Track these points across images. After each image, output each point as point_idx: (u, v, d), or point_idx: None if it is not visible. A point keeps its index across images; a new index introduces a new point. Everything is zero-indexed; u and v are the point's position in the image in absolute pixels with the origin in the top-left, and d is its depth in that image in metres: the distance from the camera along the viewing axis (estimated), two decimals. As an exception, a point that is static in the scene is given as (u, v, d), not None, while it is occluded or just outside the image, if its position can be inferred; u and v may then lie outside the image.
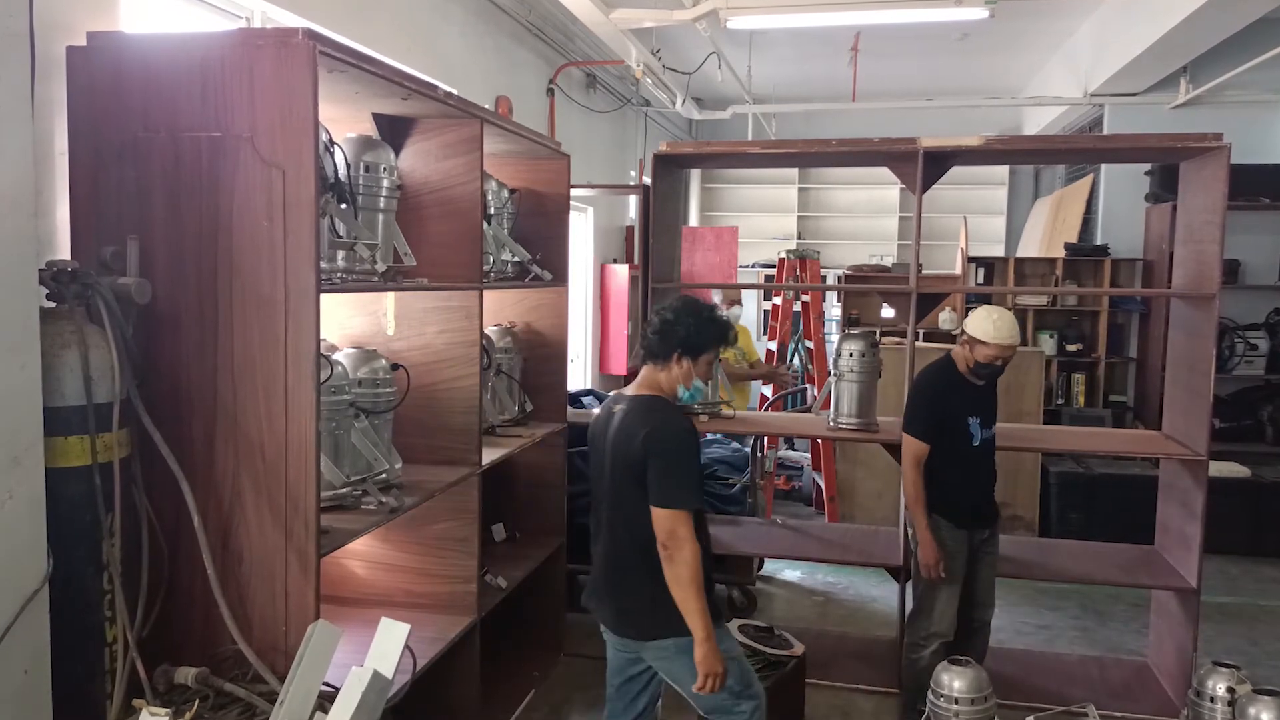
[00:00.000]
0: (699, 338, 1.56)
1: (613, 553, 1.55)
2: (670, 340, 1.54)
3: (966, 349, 2.11)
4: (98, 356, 1.28)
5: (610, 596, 1.57)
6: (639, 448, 1.49)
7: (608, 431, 1.56)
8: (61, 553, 1.25)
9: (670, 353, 1.55)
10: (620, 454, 1.51)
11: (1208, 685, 1.90)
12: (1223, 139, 2.23)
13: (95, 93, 1.41)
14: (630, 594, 1.54)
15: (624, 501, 1.52)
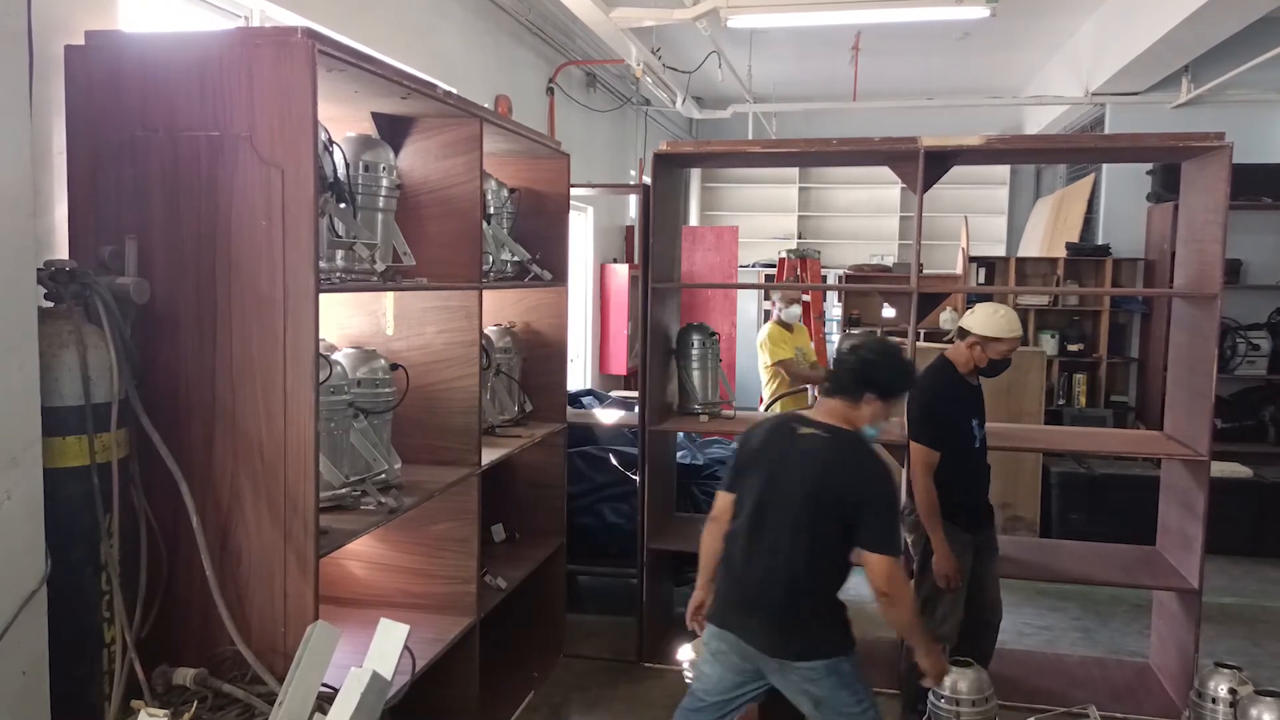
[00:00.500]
0: (894, 383, 1.60)
1: (783, 573, 1.52)
2: (867, 381, 1.57)
3: (974, 349, 2.08)
4: (96, 356, 1.28)
5: (768, 615, 1.53)
6: (853, 489, 1.51)
7: (789, 451, 1.55)
8: (60, 553, 1.25)
9: (862, 393, 1.57)
10: (820, 484, 1.52)
11: (1209, 686, 1.90)
12: (1224, 138, 2.22)
13: (93, 92, 1.40)
14: (796, 616, 1.53)
15: (812, 529, 1.51)
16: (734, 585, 1.57)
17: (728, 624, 1.57)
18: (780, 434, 1.58)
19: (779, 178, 6.74)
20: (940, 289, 4.51)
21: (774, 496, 1.54)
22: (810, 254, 4.22)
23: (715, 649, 1.58)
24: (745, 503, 1.57)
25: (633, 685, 2.44)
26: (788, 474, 1.54)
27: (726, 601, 1.58)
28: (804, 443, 1.55)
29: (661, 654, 2.55)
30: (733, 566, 1.58)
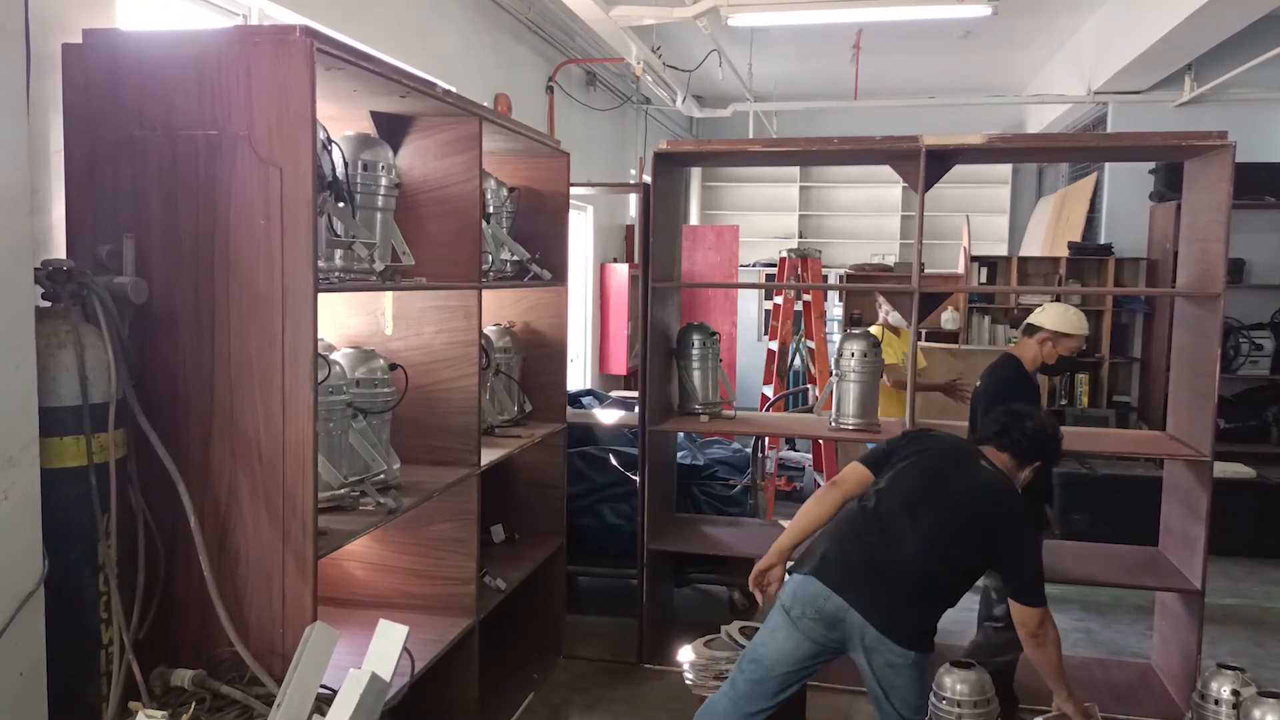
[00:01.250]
0: (1054, 459, 1.78)
1: (924, 563, 1.58)
2: (1042, 452, 1.71)
3: (1044, 345, 2.09)
4: (93, 356, 1.27)
5: (894, 588, 1.57)
6: (1008, 538, 1.60)
7: (969, 472, 1.63)
8: (57, 554, 1.24)
9: (1034, 460, 1.70)
10: (985, 516, 1.61)
11: (1212, 688, 1.89)
12: (1227, 137, 2.21)
13: (91, 90, 1.40)
14: (916, 603, 1.59)
15: (963, 547, 1.60)
16: (860, 548, 1.59)
17: (833, 582, 1.56)
18: (963, 455, 1.66)
19: (780, 177, 6.73)
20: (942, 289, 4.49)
21: (938, 496, 1.60)
22: (811, 253, 4.20)
23: (799, 613, 1.57)
24: (899, 486, 1.61)
25: (633, 687, 2.43)
26: (960, 488, 1.61)
27: (844, 560, 1.58)
28: (984, 474, 1.64)
29: (662, 655, 2.54)
30: (866, 531, 1.60)
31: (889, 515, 1.61)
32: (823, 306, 4.17)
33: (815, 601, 1.56)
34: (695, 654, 1.96)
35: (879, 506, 1.62)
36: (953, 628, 2.90)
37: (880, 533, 1.60)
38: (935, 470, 1.65)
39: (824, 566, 1.59)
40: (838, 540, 1.62)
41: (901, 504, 1.61)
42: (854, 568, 1.59)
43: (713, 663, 1.92)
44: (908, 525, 1.59)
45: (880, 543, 1.59)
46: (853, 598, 1.56)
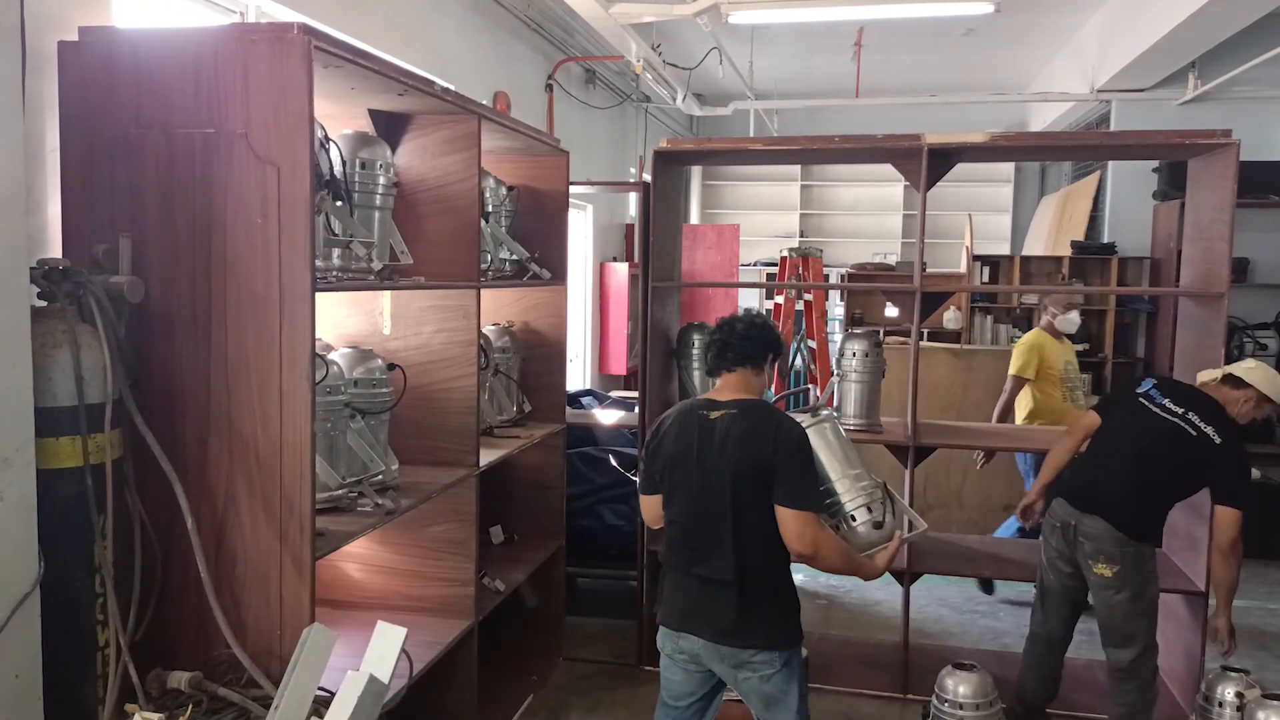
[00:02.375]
0: (780, 346, 1.66)
1: (736, 564, 1.48)
2: (765, 346, 1.60)
3: (1247, 405, 1.96)
4: (90, 356, 1.27)
5: (722, 608, 1.48)
6: (772, 454, 1.47)
7: (708, 438, 1.50)
8: (53, 555, 1.24)
9: (764, 356, 1.60)
10: (746, 461, 1.48)
11: (1217, 691, 1.88)
12: (1231, 135, 2.20)
13: (87, 88, 1.39)
14: (754, 604, 1.49)
15: (752, 510, 1.48)
16: (684, 585, 1.53)
17: (686, 626, 1.52)
18: (691, 423, 1.53)
19: (780, 175, 6.71)
20: (944, 288, 4.50)
21: (709, 485, 1.50)
22: (812, 252, 4.17)
23: (672, 650, 1.56)
24: (677, 501, 1.54)
25: (633, 688, 2.42)
26: (715, 461, 1.49)
27: (680, 603, 1.54)
28: (721, 425, 1.51)
29: (662, 656, 2.53)
30: (680, 567, 1.55)
31: (693, 533, 1.54)
32: (824, 306, 4.15)
33: (678, 642, 1.53)
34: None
35: (676, 533, 1.55)
36: (954, 629, 2.91)
37: (692, 559, 1.54)
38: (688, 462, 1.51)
39: (668, 613, 1.55)
40: (668, 585, 1.58)
41: (691, 518, 1.53)
42: (690, 605, 1.53)
43: (713, 664, 1.90)
44: (708, 532, 1.51)
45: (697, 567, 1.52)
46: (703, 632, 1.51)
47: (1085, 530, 1.92)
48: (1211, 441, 1.90)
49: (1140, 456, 1.93)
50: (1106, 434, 2.02)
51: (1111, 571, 1.90)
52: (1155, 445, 1.93)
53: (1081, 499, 1.96)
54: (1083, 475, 2.01)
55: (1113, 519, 1.91)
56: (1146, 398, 1.98)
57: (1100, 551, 1.91)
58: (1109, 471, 1.95)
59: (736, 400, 1.56)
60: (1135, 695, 1.95)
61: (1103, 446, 2.01)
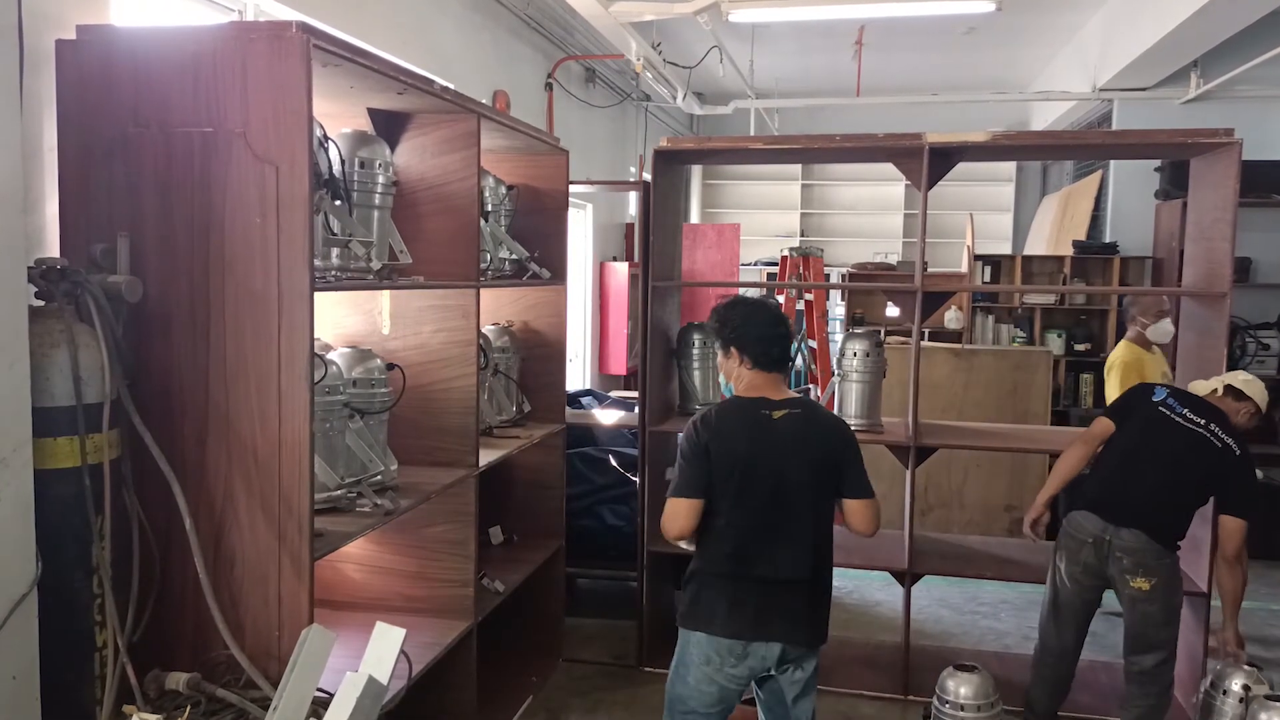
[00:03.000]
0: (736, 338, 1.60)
1: (813, 562, 1.50)
2: (787, 348, 1.58)
3: (1244, 416, 1.98)
4: (87, 356, 1.26)
5: (799, 608, 1.50)
6: (840, 450, 1.52)
7: (776, 437, 1.48)
8: (50, 556, 1.23)
9: (786, 361, 1.59)
10: (824, 459, 1.51)
11: (1225, 680, 1.88)
12: (1234, 134, 2.19)
13: (85, 87, 1.38)
14: (822, 600, 1.54)
15: (820, 506, 1.52)
16: (743, 590, 1.49)
17: (762, 633, 1.47)
18: (756, 423, 1.50)
19: (781, 174, 6.70)
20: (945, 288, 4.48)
21: (784, 486, 1.49)
22: (813, 252, 4.16)
23: (729, 662, 1.48)
24: (743, 504, 1.49)
25: (633, 690, 2.42)
26: (791, 461, 1.49)
27: (744, 611, 1.48)
28: (785, 425, 1.50)
29: (662, 658, 2.48)
30: (737, 573, 1.49)
31: (764, 535, 1.51)
32: (825, 306, 4.14)
33: (731, 653, 1.48)
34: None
35: (745, 534, 1.49)
36: (955, 630, 2.90)
37: (766, 561, 1.51)
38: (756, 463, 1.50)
39: (723, 622, 1.48)
40: (726, 589, 1.50)
41: (763, 518, 1.50)
42: (759, 611, 1.51)
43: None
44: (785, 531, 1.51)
45: (772, 569, 1.50)
46: (773, 636, 1.50)
47: (1123, 544, 1.86)
48: (1234, 453, 1.90)
49: (1173, 467, 1.89)
50: (1129, 443, 1.94)
51: (1150, 584, 1.86)
52: (1186, 456, 1.89)
53: (1115, 512, 1.88)
54: (1112, 487, 1.92)
55: (1151, 531, 1.86)
56: (1166, 407, 1.93)
57: (1140, 565, 1.86)
58: (1142, 483, 1.89)
59: (791, 399, 1.53)
60: (1154, 700, 1.93)
61: (1129, 457, 1.93)
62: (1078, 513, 1.94)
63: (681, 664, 1.53)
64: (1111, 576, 1.90)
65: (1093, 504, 1.93)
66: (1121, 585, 1.89)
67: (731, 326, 1.54)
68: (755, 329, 1.53)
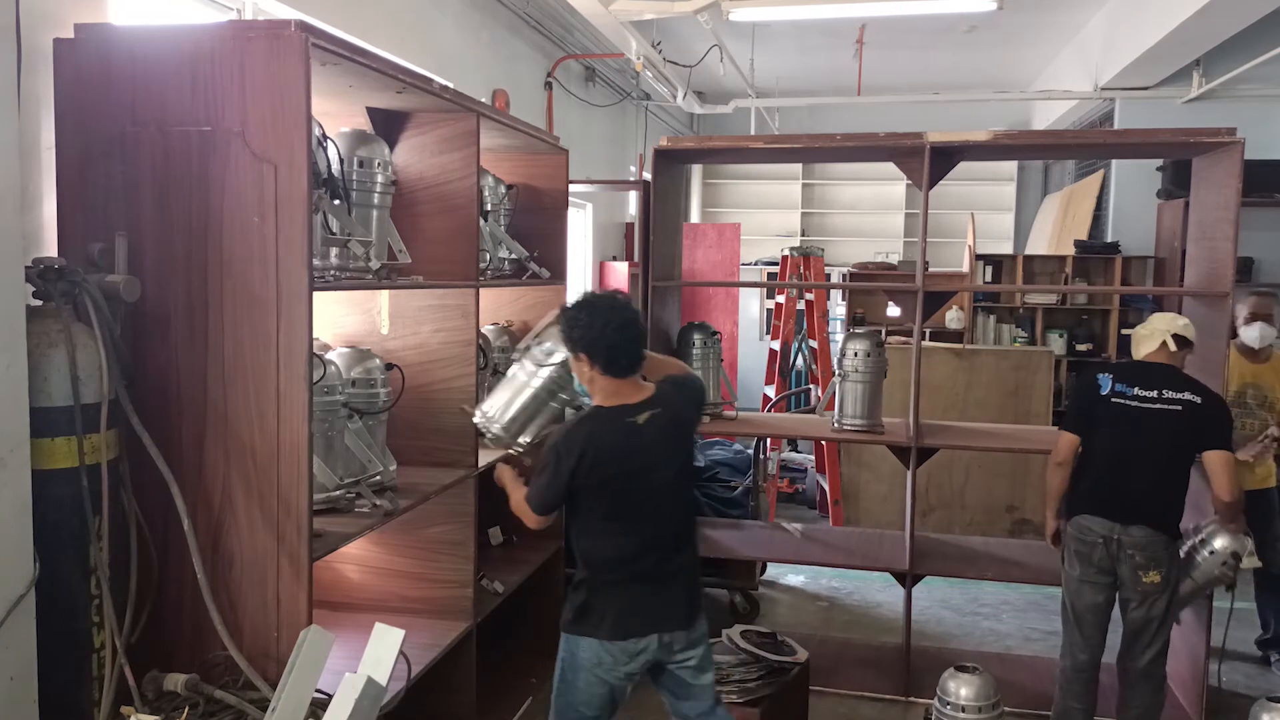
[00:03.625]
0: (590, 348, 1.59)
1: (684, 551, 1.56)
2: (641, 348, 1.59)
3: (1189, 357, 1.97)
4: (85, 356, 1.26)
5: (686, 593, 1.55)
6: (693, 422, 1.59)
7: (643, 448, 1.49)
8: (48, 557, 1.23)
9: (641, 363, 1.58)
10: (679, 449, 1.55)
11: (1214, 538, 1.92)
12: (1236, 134, 2.18)
13: (83, 86, 1.38)
14: (698, 580, 1.60)
15: (683, 496, 1.58)
16: (638, 591, 1.51)
17: (658, 626, 1.50)
18: (625, 434, 1.48)
19: (782, 174, 6.68)
20: (946, 287, 4.47)
21: (659, 482, 1.50)
22: (814, 252, 4.15)
23: (622, 663, 1.50)
24: (629, 510, 1.50)
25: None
26: (657, 462, 1.51)
27: (639, 610, 1.50)
28: (650, 428, 1.49)
29: (662, 656, 2.51)
30: (634, 576, 1.50)
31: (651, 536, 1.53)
32: (825, 306, 4.13)
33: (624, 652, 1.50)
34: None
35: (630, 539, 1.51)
36: (956, 631, 2.89)
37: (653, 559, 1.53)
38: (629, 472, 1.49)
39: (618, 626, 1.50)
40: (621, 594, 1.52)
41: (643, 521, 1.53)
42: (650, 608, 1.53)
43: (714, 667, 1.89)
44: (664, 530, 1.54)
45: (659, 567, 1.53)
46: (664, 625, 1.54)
47: (1133, 541, 1.84)
48: (1196, 405, 1.87)
49: (1152, 453, 1.88)
50: (1102, 445, 1.93)
51: (1160, 576, 1.85)
52: (1157, 436, 1.87)
53: (1117, 511, 1.87)
54: (1109, 488, 1.90)
55: (1158, 525, 1.85)
56: (1119, 395, 1.90)
57: (1151, 559, 1.84)
58: (1135, 479, 1.87)
59: (649, 398, 1.51)
60: (1150, 696, 1.92)
61: (1113, 457, 1.91)
62: (1082, 516, 1.92)
63: (569, 670, 1.52)
64: (1122, 576, 1.88)
65: (1095, 506, 1.91)
66: (1133, 582, 1.87)
67: (580, 329, 1.48)
68: (604, 335, 1.48)
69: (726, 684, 1.88)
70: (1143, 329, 2.01)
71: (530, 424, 1.71)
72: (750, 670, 1.90)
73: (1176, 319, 2.00)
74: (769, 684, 1.93)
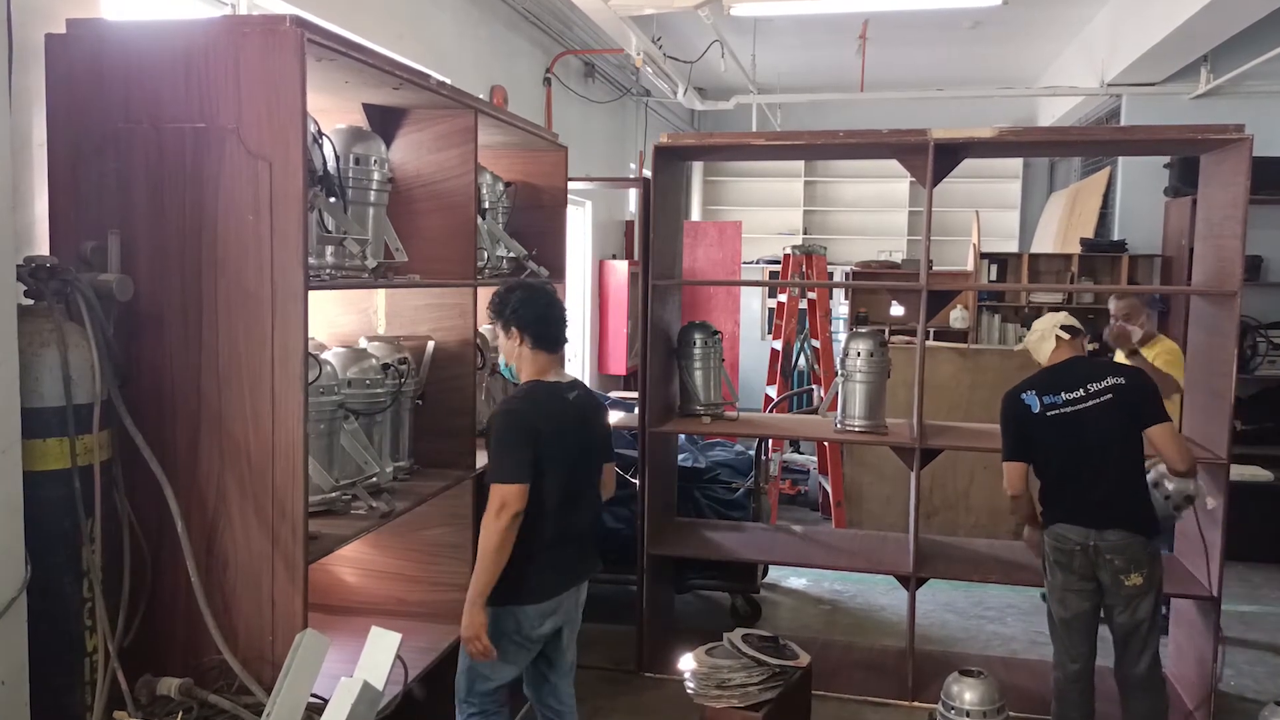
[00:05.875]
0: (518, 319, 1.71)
1: (597, 512, 1.73)
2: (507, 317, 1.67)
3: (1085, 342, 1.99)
4: (78, 356, 1.25)
5: (591, 546, 1.71)
6: (605, 420, 1.75)
7: (574, 419, 1.63)
8: (40, 559, 1.22)
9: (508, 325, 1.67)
10: (599, 430, 1.71)
11: (1165, 481, 1.93)
12: (1245, 130, 2.16)
13: (75, 82, 1.37)
14: (596, 535, 1.74)
15: (598, 462, 1.70)
16: (564, 553, 1.63)
17: (562, 586, 1.62)
18: (562, 405, 1.62)
19: (784, 171, 6.65)
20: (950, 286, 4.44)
21: (581, 450, 1.64)
22: (816, 250, 4.13)
23: (530, 629, 1.60)
24: (558, 481, 1.59)
25: (633, 695, 2.40)
26: (585, 434, 1.65)
27: (562, 569, 1.63)
28: (577, 403, 1.65)
29: (662, 663, 2.50)
30: (560, 538, 1.61)
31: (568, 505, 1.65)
32: (828, 305, 4.11)
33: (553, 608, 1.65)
34: (697, 662, 1.92)
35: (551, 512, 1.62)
36: (960, 634, 2.87)
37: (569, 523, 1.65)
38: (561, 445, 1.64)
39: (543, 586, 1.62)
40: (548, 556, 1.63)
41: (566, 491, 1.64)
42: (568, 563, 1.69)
43: (715, 671, 1.88)
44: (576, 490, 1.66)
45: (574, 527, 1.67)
46: (579, 577, 1.69)
47: (1110, 545, 1.82)
48: (1122, 387, 1.86)
49: (1104, 452, 1.85)
50: (1053, 459, 1.89)
51: (1142, 577, 1.82)
52: (1101, 433, 1.84)
53: (1089, 517, 1.85)
54: (1075, 496, 1.87)
55: (1131, 525, 1.83)
56: (1051, 408, 1.88)
57: (1131, 561, 1.82)
58: (1096, 482, 1.85)
59: (571, 380, 1.67)
60: (1153, 703, 1.88)
61: (1063, 469, 1.88)
62: (1058, 525, 1.89)
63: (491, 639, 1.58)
64: (1104, 581, 1.86)
65: (1068, 515, 1.88)
66: (1116, 587, 1.85)
67: (511, 307, 1.59)
68: (533, 309, 1.59)
69: (728, 688, 1.86)
70: (1032, 336, 2.01)
71: None
72: (752, 674, 1.89)
73: (1055, 315, 2.00)
74: (771, 688, 1.91)
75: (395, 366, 1.73)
